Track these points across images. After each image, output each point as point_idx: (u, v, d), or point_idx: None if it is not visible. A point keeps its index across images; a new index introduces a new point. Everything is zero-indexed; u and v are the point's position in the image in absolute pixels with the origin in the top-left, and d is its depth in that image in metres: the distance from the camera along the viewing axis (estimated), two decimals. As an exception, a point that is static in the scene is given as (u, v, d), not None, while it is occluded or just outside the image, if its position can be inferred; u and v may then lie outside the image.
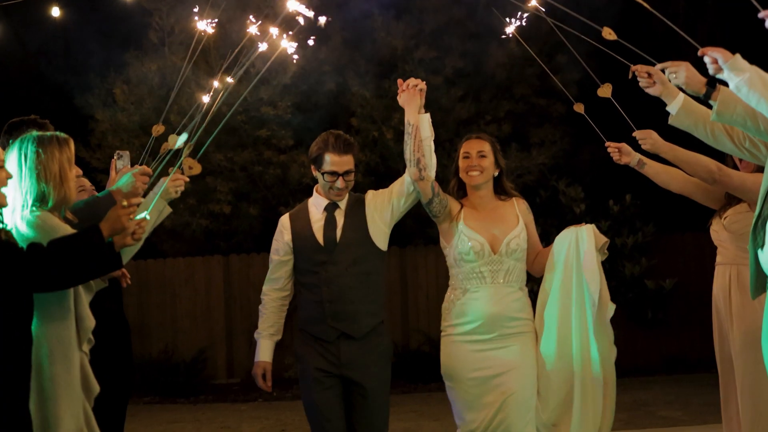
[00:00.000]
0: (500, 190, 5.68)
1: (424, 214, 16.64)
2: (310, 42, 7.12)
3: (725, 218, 5.61)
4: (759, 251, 4.33)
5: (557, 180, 14.12)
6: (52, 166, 4.22)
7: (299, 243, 5.51)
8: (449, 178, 5.69)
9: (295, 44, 5.63)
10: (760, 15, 3.41)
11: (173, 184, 4.71)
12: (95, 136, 14.45)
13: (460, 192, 5.68)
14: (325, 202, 5.55)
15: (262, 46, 5.49)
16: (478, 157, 5.54)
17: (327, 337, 5.40)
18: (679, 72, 4.48)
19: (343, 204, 5.55)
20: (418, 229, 14.30)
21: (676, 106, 4.69)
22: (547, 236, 12.88)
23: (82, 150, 14.26)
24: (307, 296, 5.48)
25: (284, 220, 5.63)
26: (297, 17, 5.32)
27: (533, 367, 5.40)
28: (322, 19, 5.80)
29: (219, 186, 13.90)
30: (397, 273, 14.36)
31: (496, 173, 5.63)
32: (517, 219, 5.58)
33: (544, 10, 5.44)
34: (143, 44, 14.23)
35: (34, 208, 4.17)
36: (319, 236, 5.48)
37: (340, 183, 5.42)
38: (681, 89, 4.67)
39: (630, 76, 4.84)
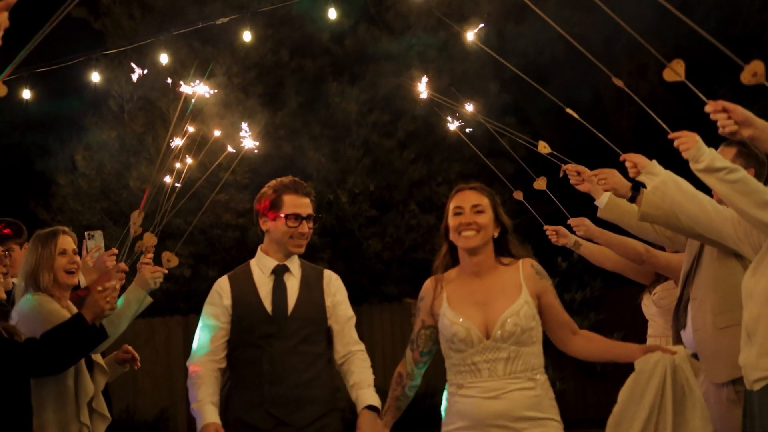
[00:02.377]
0: (503, 251, 4.32)
1: (378, 272, 16.92)
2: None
3: (654, 294, 6.07)
4: (682, 331, 4.81)
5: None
6: (30, 259, 4.86)
7: (241, 311, 4.66)
8: (402, 238, 5.04)
9: (253, 141, 5.95)
10: (707, 109, 3.77)
11: (152, 275, 5.02)
12: (56, 199, 14.74)
13: (453, 260, 4.40)
14: (273, 263, 4.74)
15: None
16: (474, 213, 4.24)
17: (262, 425, 4.55)
18: (608, 179, 5.00)
19: (295, 268, 4.78)
20: (373, 287, 14.71)
21: (603, 201, 5.19)
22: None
23: (43, 212, 14.59)
24: (243, 375, 4.64)
25: (222, 283, 4.77)
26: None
27: None
28: None
29: (178, 249, 14.17)
30: (353, 330, 14.70)
31: (497, 234, 4.28)
32: (518, 290, 4.19)
33: (483, 119, 5.89)
34: (103, 111, 14.58)
35: (29, 293, 4.79)
36: (267, 304, 4.66)
37: (304, 227, 4.71)
38: None
39: (561, 175, 5.36)
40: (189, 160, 5.91)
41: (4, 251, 5.63)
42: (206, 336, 4.68)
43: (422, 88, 6.38)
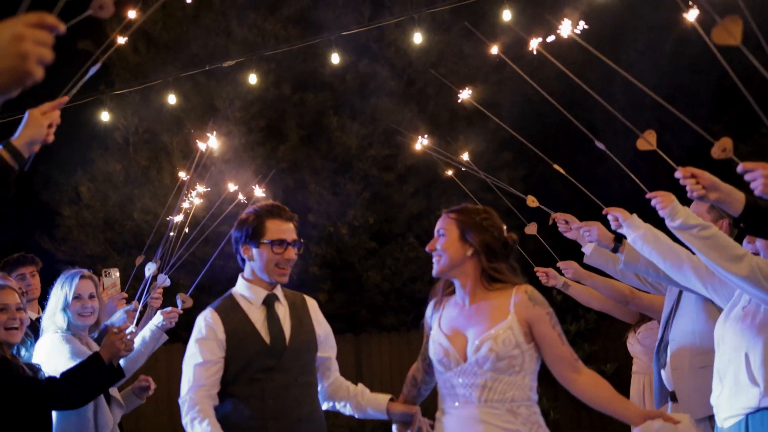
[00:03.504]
0: (489, 276, 4.01)
1: (377, 303, 17.11)
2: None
3: (639, 333, 6.36)
4: (662, 370, 5.13)
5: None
6: (51, 300, 5.24)
7: (236, 344, 4.31)
8: (401, 270, 4.43)
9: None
10: (677, 175, 4.08)
11: (168, 316, 5.42)
12: (61, 230, 14.98)
13: (450, 287, 4.19)
14: (263, 293, 4.41)
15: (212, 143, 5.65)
16: (436, 240, 4.07)
17: None
18: (591, 231, 5.31)
19: (281, 296, 4.49)
20: (372, 318, 14.94)
21: (589, 249, 5.54)
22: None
23: (47, 242, 14.83)
24: (241, 411, 4.27)
25: (212, 317, 4.35)
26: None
27: None
28: None
29: (181, 280, 14.45)
30: (352, 359, 14.93)
31: (469, 253, 3.98)
32: (504, 315, 3.89)
33: (476, 170, 6.19)
34: (108, 143, 14.84)
35: (50, 331, 5.14)
36: (264, 335, 4.34)
37: (290, 253, 4.39)
38: None
39: (551, 222, 5.68)
40: (197, 201, 6.20)
41: (18, 275, 6.05)
42: (200, 372, 4.25)
43: (419, 145, 6.64)
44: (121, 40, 4.49)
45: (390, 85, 15.20)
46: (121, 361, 4.74)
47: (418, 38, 9.25)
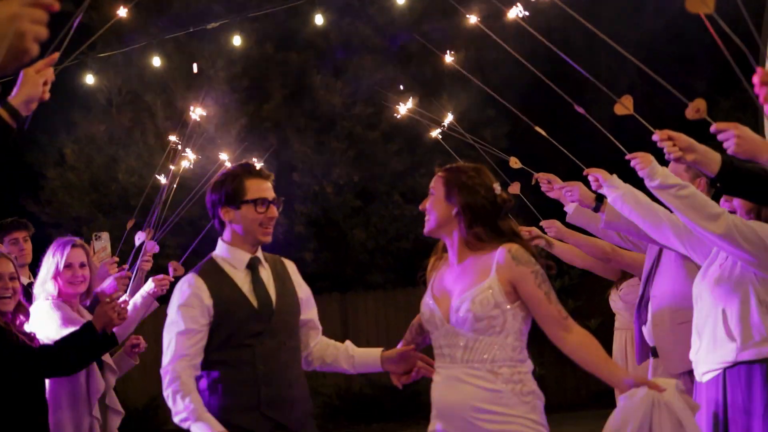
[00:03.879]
0: (470, 237, 3.98)
1: (363, 261, 17.21)
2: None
3: (620, 290, 6.47)
4: (642, 327, 5.24)
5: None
6: (43, 268, 5.32)
7: (224, 309, 4.17)
8: (386, 228, 4.20)
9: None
10: (654, 137, 4.16)
11: (159, 283, 5.51)
12: (45, 192, 14.98)
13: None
14: (246, 256, 4.28)
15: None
16: (428, 198, 4.11)
17: (258, 429, 4.16)
18: (573, 191, 5.40)
19: (262, 258, 4.36)
20: (358, 276, 15.05)
21: (572, 208, 5.64)
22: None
23: (32, 205, 14.84)
24: (231, 377, 4.16)
25: (197, 282, 4.18)
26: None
27: None
28: None
29: (168, 241, 14.50)
30: (338, 318, 15.04)
31: (454, 212, 3.97)
32: (486, 275, 3.87)
33: (461, 131, 6.25)
34: (91, 104, 14.81)
35: (42, 298, 5.23)
36: (252, 300, 4.22)
37: (273, 212, 4.28)
38: None
39: (533, 182, 5.76)
40: (186, 164, 6.26)
41: (11, 239, 6.11)
42: (183, 341, 4.08)
43: (402, 110, 6.68)
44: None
45: (373, 42, 15.21)
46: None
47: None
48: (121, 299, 4.84)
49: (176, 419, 4.03)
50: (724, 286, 4.34)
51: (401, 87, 7.00)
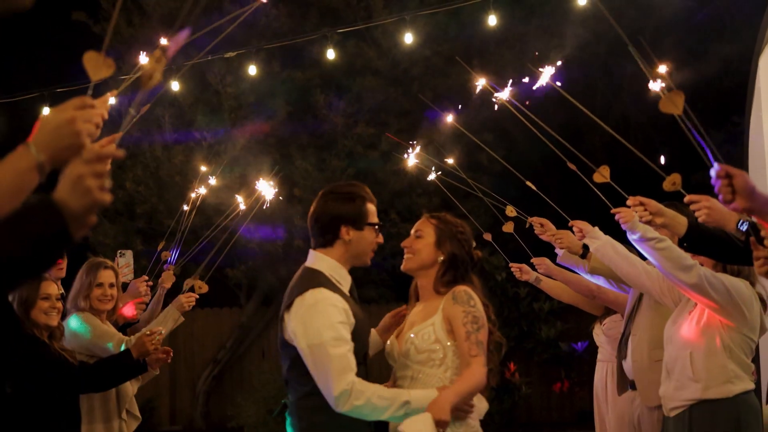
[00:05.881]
0: (440, 282, 4.34)
1: (359, 276, 17.53)
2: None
3: (604, 324, 6.91)
4: (623, 361, 5.76)
5: (481, 249, 15.25)
6: (76, 285, 5.84)
7: (359, 328, 4.12)
8: (382, 245, 4.53)
9: None
10: (627, 203, 4.69)
11: (186, 300, 6.16)
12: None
13: None
14: (349, 277, 4.26)
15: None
16: (414, 238, 4.46)
17: None
18: (563, 239, 5.91)
19: None
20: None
21: (561, 252, 6.13)
22: (471, 301, 14.12)
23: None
24: None
25: (335, 297, 4.03)
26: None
27: None
28: None
29: (163, 247, 14.86)
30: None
31: (440, 259, 4.35)
32: (433, 313, 4.24)
33: (461, 174, 6.72)
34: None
35: (74, 312, 5.71)
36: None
37: (381, 238, 4.37)
38: None
39: (527, 225, 6.27)
40: (203, 190, 6.79)
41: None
42: (351, 356, 3.92)
43: (411, 160, 7.11)
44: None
45: (376, 64, 15.59)
46: None
47: (408, 38, 9.54)
48: (158, 331, 5.35)
49: (388, 416, 3.96)
50: (693, 331, 4.86)
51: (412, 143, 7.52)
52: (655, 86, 3.74)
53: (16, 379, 4.68)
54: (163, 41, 2.76)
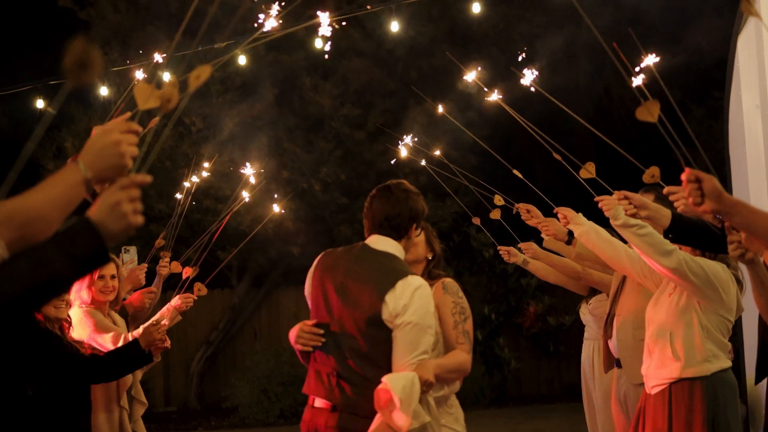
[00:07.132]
0: (428, 275, 4.81)
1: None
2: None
3: (590, 304, 7.12)
4: (609, 340, 6.00)
5: (468, 226, 15.54)
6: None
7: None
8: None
9: None
10: (612, 197, 4.90)
11: (185, 301, 6.32)
12: (43, 184, 15.39)
13: None
14: None
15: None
16: None
17: None
18: (549, 226, 6.13)
19: None
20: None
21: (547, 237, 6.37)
22: (459, 276, 14.37)
23: (29, 196, 15.28)
24: None
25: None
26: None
27: None
28: None
29: (161, 232, 14.98)
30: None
31: (430, 256, 4.91)
32: None
33: (450, 165, 6.91)
34: (91, 101, 15.26)
35: (76, 305, 5.87)
36: None
37: None
38: None
39: (514, 212, 6.48)
40: (195, 179, 6.96)
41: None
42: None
43: (403, 152, 7.30)
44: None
45: (361, 46, 15.68)
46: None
47: (394, 26, 9.68)
48: (163, 323, 5.56)
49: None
50: (672, 313, 5.09)
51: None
52: (637, 81, 3.95)
53: (37, 378, 4.90)
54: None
